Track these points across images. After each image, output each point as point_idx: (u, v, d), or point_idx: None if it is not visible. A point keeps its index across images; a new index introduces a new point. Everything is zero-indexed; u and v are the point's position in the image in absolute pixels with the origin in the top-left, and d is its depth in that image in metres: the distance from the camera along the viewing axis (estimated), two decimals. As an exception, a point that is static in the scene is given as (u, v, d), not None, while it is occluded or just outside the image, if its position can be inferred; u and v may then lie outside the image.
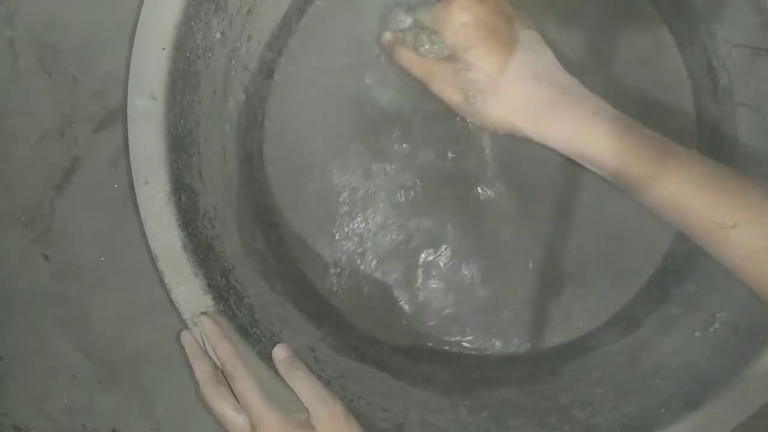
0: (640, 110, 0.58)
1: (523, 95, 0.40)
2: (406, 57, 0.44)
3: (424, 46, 0.43)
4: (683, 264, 0.58)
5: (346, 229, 0.61)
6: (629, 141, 0.39)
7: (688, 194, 0.38)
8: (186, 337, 0.45)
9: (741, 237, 0.36)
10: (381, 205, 0.60)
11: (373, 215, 0.60)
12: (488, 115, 0.41)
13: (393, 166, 0.60)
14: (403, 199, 0.60)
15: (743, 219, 0.36)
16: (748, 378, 0.45)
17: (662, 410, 0.47)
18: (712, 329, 0.51)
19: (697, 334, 0.52)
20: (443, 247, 0.60)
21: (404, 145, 0.60)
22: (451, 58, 0.41)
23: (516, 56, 0.40)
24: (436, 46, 0.42)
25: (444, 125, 0.59)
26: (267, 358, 0.44)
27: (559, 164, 0.59)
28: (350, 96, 0.60)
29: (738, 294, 0.49)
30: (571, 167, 0.58)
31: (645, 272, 0.60)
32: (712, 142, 0.58)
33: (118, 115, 0.61)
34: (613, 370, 0.55)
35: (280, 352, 0.44)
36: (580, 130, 0.39)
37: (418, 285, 0.61)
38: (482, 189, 0.60)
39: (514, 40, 0.40)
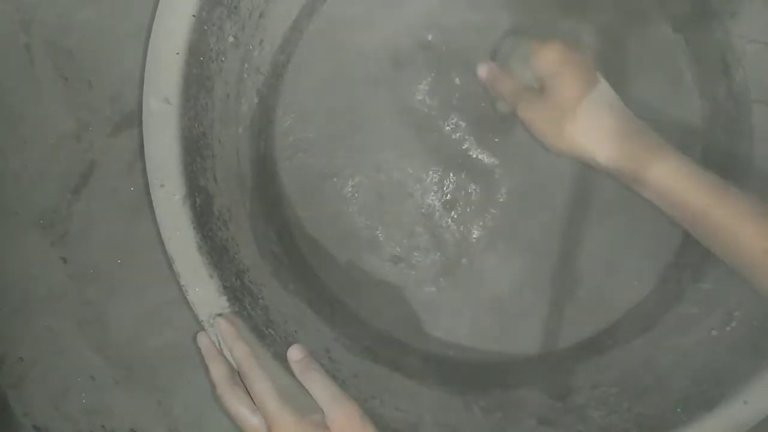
0: (652, 108, 0.58)
1: (599, 122, 0.44)
2: (504, 83, 0.50)
3: (519, 72, 0.49)
4: (699, 262, 0.57)
5: (360, 230, 0.61)
6: (689, 172, 0.42)
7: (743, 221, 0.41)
8: (202, 339, 0.45)
9: None
10: (395, 207, 0.61)
11: (386, 216, 0.61)
12: (564, 138, 0.45)
13: (406, 165, 0.60)
14: (418, 199, 0.61)
15: None
16: (766, 377, 0.44)
17: (679, 410, 0.47)
18: (729, 328, 0.50)
19: (714, 333, 0.51)
20: (458, 248, 0.60)
21: (415, 144, 0.60)
22: (540, 88, 0.47)
23: (595, 89, 0.45)
24: (529, 73, 0.48)
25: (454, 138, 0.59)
26: (282, 359, 0.45)
27: (573, 166, 0.59)
28: (361, 98, 0.60)
29: (755, 292, 0.48)
30: (585, 170, 0.58)
31: (657, 269, 0.59)
32: (727, 140, 0.57)
33: (133, 119, 0.61)
34: (628, 370, 0.55)
35: (295, 353, 0.45)
36: (641, 159, 0.43)
37: (432, 285, 0.61)
38: (497, 191, 0.60)
39: (594, 78, 0.46)
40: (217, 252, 0.47)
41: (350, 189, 0.61)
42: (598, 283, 0.59)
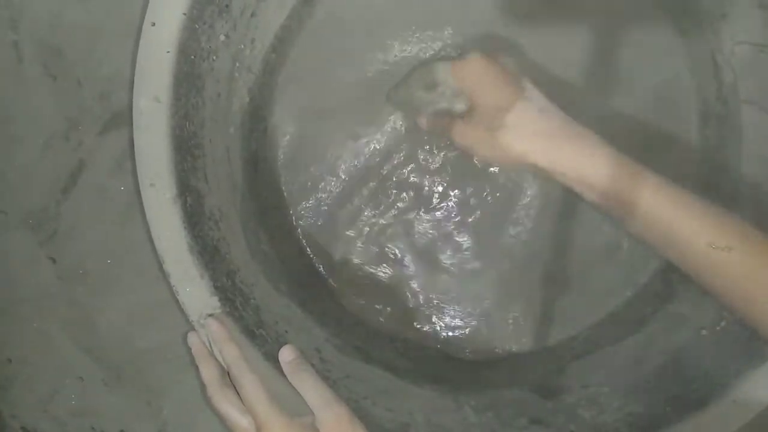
0: (643, 108, 0.58)
1: (534, 126, 0.44)
2: (438, 123, 0.50)
3: (445, 102, 0.48)
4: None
5: (352, 229, 0.61)
6: (624, 170, 0.43)
7: (680, 220, 0.41)
8: (192, 339, 0.45)
9: (734, 259, 0.39)
10: (387, 205, 0.60)
11: (378, 215, 0.61)
12: (501, 149, 0.45)
13: (398, 165, 0.60)
14: (410, 196, 0.60)
15: (737, 243, 0.39)
16: (755, 376, 0.45)
17: (668, 409, 0.47)
18: (719, 327, 0.51)
19: (704, 332, 0.51)
20: (451, 249, 0.60)
21: (406, 145, 0.60)
22: (470, 110, 0.47)
23: (523, 95, 0.45)
24: (457, 99, 0.48)
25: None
26: (273, 359, 0.45)
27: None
28: (353, 98, 0.60)
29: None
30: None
31: (648, 268, 0.60)
32: (717, 141, 0.58)
33: (123, 118, 0.61)
34: (619, 369, 0.55)
35: (286, 353, 0.44)
36: (581, 159, 0.43)
37: (424, 285, 0.61)
38: (484, 193, 0.60)
39: (519, 86, 0.46)
40: (208, 252, 0.47)
41: (343, 189, 0.60)
42: (588, 282, 0.59)
